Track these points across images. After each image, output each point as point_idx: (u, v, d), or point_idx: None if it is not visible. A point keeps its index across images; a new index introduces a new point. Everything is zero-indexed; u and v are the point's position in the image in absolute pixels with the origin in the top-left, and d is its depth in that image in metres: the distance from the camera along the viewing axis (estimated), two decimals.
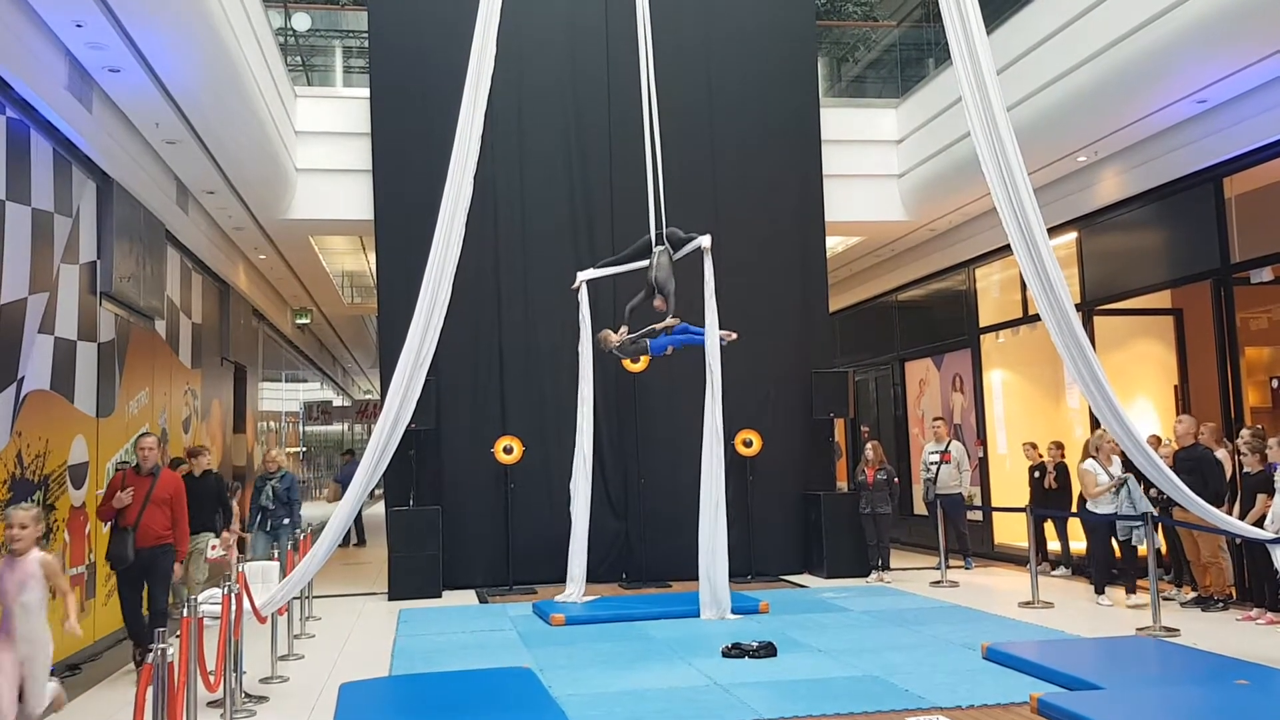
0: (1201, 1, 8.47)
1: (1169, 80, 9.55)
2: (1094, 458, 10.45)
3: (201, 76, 8.70)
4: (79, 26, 7.27)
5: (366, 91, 12.91)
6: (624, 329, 10.15)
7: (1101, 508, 10.33)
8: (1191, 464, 9.44)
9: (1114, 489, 10.26)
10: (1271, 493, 8.87)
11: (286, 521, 11.33)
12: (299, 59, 14.63)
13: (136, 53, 7.85)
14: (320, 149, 12.96)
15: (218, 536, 9.97)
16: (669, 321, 9.87)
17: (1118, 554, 10.51)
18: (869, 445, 12.93)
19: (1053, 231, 8.41)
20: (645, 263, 10.09)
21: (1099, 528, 10.41)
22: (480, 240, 11.76)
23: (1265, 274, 10.14)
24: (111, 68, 8.00)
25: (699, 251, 9.93)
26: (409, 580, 11.66)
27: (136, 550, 7.82)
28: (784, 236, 13.31)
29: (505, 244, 12.69)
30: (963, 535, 13.17)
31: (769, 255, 13.16)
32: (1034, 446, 12.55)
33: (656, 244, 10.03)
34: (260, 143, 10.74)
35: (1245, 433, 9.50)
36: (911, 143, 13.84)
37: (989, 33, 8.32)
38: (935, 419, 14.19)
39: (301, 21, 14.99)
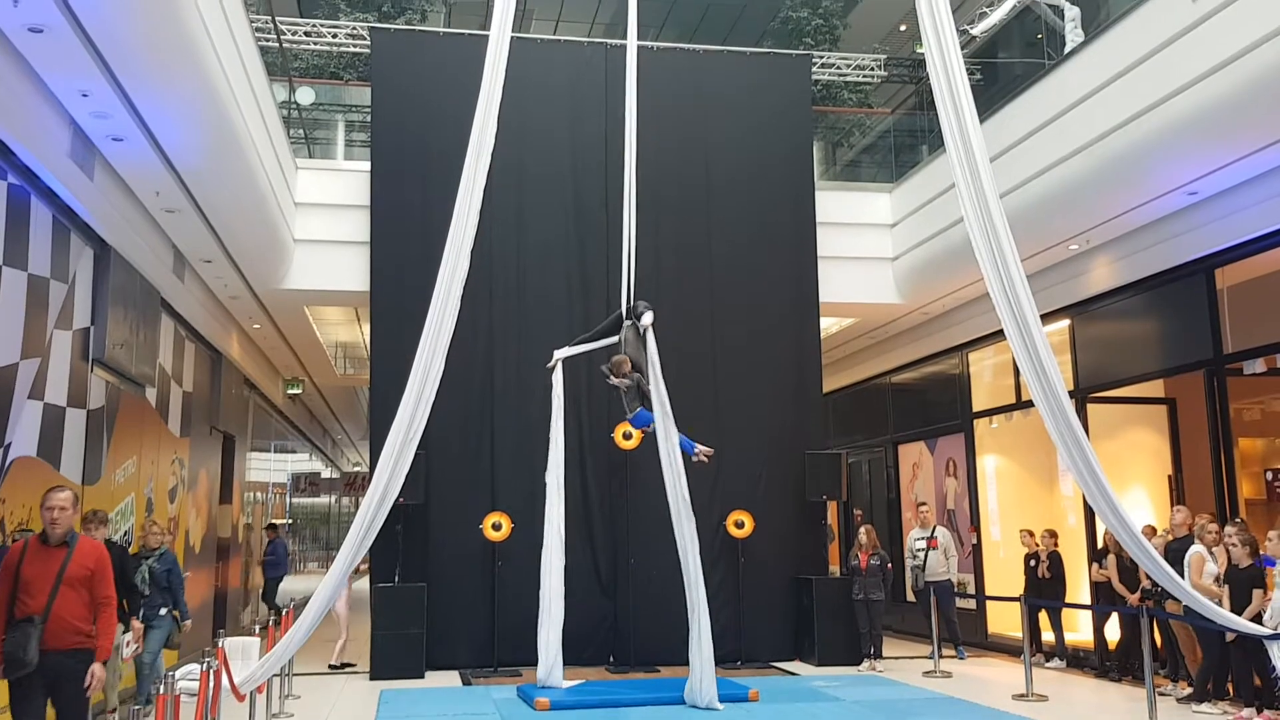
0: (1192, 96, 8.61)
1: (1160, 172, 9.67)
2: (1201, 542, 9.59)
3: (204, 147, 8.77)
4: (85, 96, 7.33)
5: (367, 165, 13.03)
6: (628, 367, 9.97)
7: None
8: (1182, 555, 9.35)
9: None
10: (1265, 587, 8.78)
11: (164, 612, 9.23)
12: (301, 132, 14.78)
13: (140, 122, 7.91)
14: (319, 220, 13.03)
15: (127, 629, 8.47)
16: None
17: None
18: (862, 530, 12.79)
19: (1045, 318, 8.45)
20: (617, 338, 10.05)
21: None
22: (475, 315, 11.77)
23: (1259, 365, 10.16)
24: (115, 136, 8.05)
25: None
26: (391, 659, 11.45)
27: (44, 653, 5.73)
28: (779, 316, 13.35)
29: (500, 320, 12.71)
30: (952, 623, 12.96)
31: (764, 335, 13.19)
32: (1031, 534, 12.45)
33: (626, 318, 10.01)
34: (259, 213, 10.80)
35: (1230, 529, 9.40)
36: (905, 227, 13.96)
37: (981, 122, 8.44)
38: (920, 504, 14.11)
39: (305, 95, 15.20)
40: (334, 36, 15.99)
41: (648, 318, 9.79)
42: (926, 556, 12.93)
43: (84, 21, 6.44)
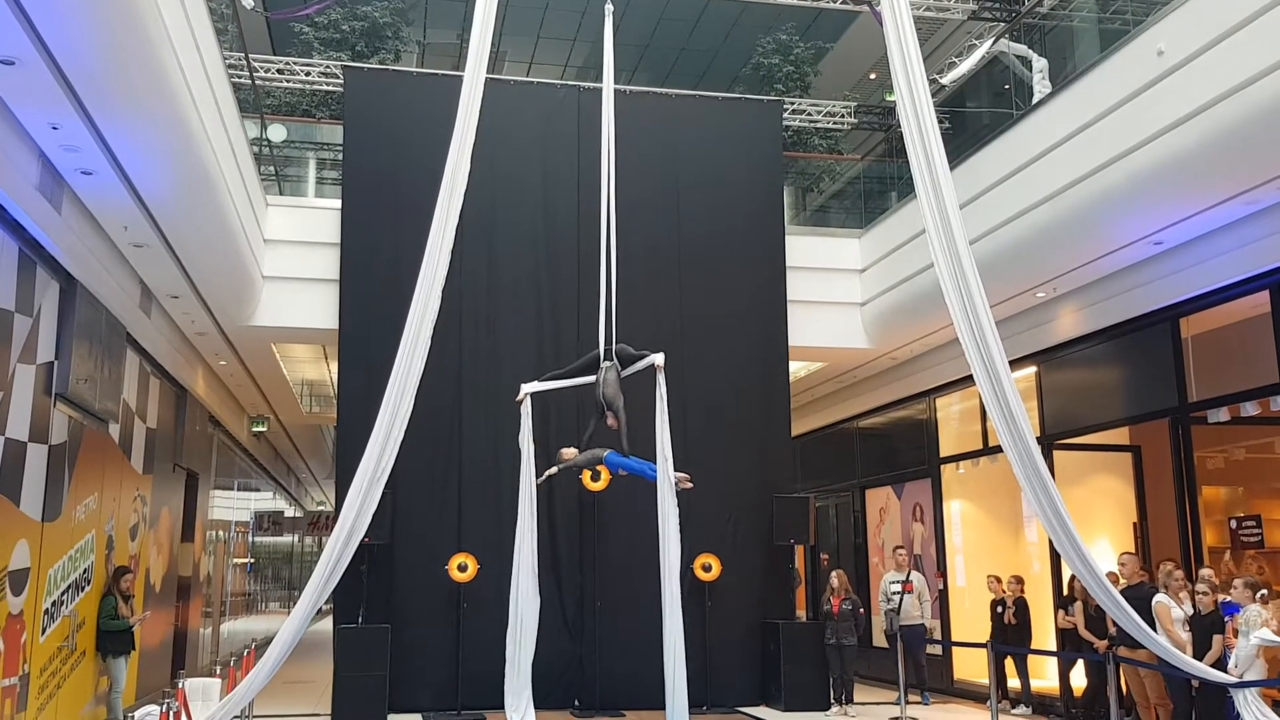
0: (1157, 148, 8.75)
1: (1125, 222, 9.80)
2: (1165, 591, 9.61)
3: (174, 183, 8.71)
4: (55, 128, 7.28)
5: (337, 203, 12.99)
6: (573, 450, 10.12)
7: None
8: (1138, 603, 9.36)
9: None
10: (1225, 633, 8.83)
11: None
12: (272, 168, 14.74)
13: (110, 156, 7.86)
14: (288, 257, 12.95)
15: None
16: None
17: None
18: (834, 574, 12.76)
19: (1012, 365, 8.51)
20: (591, 378, 9.96)
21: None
22: (444, 355, 11.69)
23: (1222, 414, 10.27)
24: (84, 170, 7.98)
25: (651, 370, 9.77)
26: (354, 702, 11.24)
27: None
28: (748, 360, 13.38)
29: (469, 360, 12.66)
30: (921, 668, 12.95)
31: (733, 379, 13.20)
32: (998, 580, 12.46)
33: (604, 359, 9.92)
34: (228, 250, 10.73)
35: (1204, 571, 9.46)
36: (874, 272, 14.06)
37: (951, 169, 8.54)
38: (897, 548, 14.09)
39: (277, 133, 15.17)
40: (307, 74, 16.00)
41: (658, 359, 9.65)
42: (901, 600, 12.92)
43: (56, 54, 6.41)
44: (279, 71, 15.96)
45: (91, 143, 7.53)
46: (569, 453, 10.16)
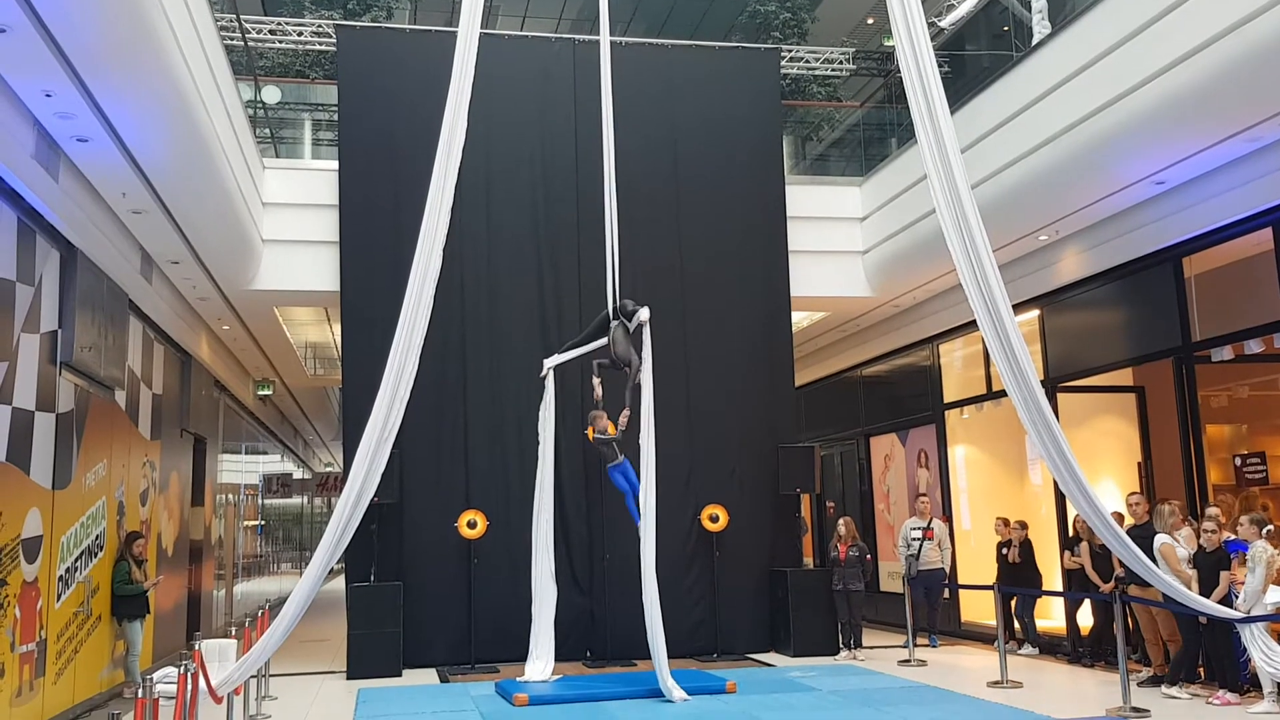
0: (1158, 86, 8.69)
1: (1127, 162, 9.75)
2: (1167, 532, 9.65)
3: (170, 147, 8.68)
4: (48, 96, 7.24)
5: (335, 164, 12.93)
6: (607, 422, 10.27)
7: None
8: (1144, 542, 9.43)
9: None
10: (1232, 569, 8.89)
11: None
12: (268, 131, 14.67)
13: (105, 123, 7.83)
14: (287, 220, 12.91)
15: None
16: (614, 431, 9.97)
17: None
18: (841, 521, 12.87)
19: (1015, 309, 8.53)
20: (605, 340, 10.07)
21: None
22: (447, 314, 11.72)
23: (1226, 352, 10.28)
24: (80, 137, 7.96)
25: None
26: (368, 658, 11.40)
27: None
28: (751, 311, 13.37)
29: (472, 318, 12.66)
30: (934, 612, 13.09)
31: (736, 330, 13.21)
32: (1006, 523, 12.53)
33: (613, 318, 10.00)
34: (227, 214, 10.70)
35: (1211, 510, 9.52)
36: (875, 220, 14.01)
37: (951, 113, 8.49)
38: (920, 495, 14.16)
39: (271, 94, 15.07)
40: (299, 34, 15.88)
41: (644, 313, 9.76)
42: (921, 546, 13.02)
43: (47, 21, 6.37)
44: (271, 32, 15.85)
45: (86, 109, 7.50)
46: (609, 426, 10.32)
